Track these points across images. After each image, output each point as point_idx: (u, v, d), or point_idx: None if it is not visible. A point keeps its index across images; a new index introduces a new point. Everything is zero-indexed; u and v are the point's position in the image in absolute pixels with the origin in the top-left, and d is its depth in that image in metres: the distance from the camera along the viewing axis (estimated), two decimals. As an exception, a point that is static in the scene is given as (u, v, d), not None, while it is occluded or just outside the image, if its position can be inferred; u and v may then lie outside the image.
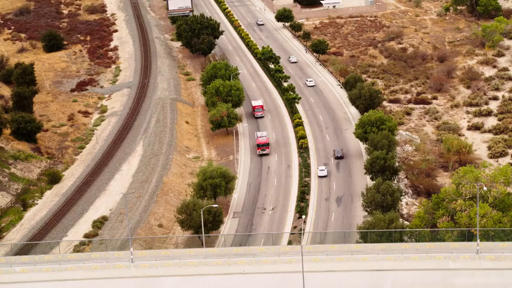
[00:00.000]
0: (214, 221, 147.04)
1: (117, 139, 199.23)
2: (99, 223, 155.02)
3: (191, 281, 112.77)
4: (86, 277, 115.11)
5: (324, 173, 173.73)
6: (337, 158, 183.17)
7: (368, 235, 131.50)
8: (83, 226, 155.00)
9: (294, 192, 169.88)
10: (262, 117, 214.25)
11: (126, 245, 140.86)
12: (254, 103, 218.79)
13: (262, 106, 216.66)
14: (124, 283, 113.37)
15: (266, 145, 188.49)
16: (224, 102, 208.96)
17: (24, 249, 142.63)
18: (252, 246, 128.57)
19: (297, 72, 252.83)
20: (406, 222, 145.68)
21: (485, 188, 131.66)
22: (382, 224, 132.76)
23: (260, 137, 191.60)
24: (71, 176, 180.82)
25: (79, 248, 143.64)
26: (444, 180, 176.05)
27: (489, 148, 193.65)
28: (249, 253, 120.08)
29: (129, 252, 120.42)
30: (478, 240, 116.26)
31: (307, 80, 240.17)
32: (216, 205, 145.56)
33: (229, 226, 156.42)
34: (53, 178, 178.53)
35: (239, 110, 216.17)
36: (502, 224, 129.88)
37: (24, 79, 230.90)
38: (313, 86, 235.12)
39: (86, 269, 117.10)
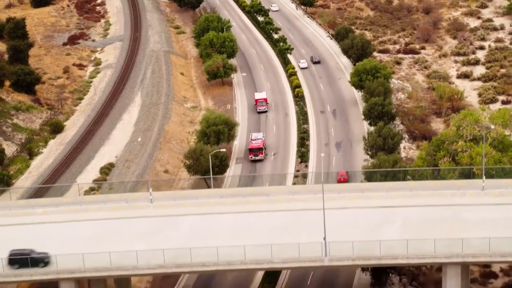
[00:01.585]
0: (221, 165, 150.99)
1: (115, 90, 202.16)
2: (107, 170, 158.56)
3: (208, 219, 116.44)
4: (107, 217, 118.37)
5: (305, 65, 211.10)
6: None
7: (373, 176, 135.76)
8: (91, 173, 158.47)
9: (293, 138, 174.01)
10: (266, 111, 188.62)
11: (136, 190, 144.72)
12: (257, 96, 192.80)
13: (266, 100, 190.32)
14: (144, 222, 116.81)
15: (259, 150, 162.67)
16: (218, 53, 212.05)
17: (36, 194, 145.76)
18: (266, 186, 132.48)
19: (286, 24, 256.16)
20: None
21: (492, 127, 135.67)
22: (387, 165, 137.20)
23: (254, 140, 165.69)
24: (73, 126, 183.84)
25: (89, 193, 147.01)
26: (438, 125, 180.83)
27: (480, 95, 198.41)
28: (263, 193, 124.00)
29: (146, 193, 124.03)
30: (484, 177, 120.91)
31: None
32: (223, 150, 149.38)
33: (233, 171, 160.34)
34: (56, 128, 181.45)
35: (233, 62, 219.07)
36: (502, 164, 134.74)
37: (16, 34, 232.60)
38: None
39: (107, 210, 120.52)
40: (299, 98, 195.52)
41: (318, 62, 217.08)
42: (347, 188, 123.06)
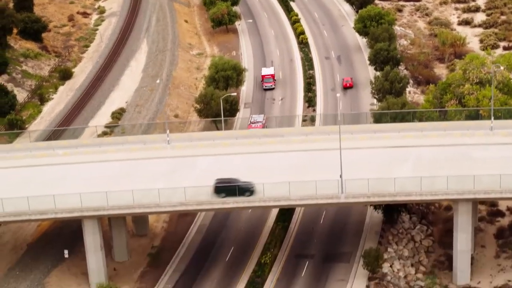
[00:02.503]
0: (231, 109, 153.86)
1: (121, 38, 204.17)
2: (118, 114, 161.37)
3: (225, 159, 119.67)
4: (126, 158, 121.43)
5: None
6: None
7: (382, 119, 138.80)
8: (102, 117, 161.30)
9: (300, 83, 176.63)
10: (272, 88, 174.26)
11: (149, 134, 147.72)
12: (264, 71, 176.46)
13: (273, 76, 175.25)
14: (162, 162, 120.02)
15: None
16: (222, 1, 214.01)
17: (52, 138, 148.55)
18: (279, 128, 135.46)
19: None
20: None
21: (501, 68, 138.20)
22: (396, 107, 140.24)
23: (254, 123, 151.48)
24: (82, 73, 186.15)
25: (102, 136, 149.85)
26: (441, 71, 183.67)
27: (481, 41, 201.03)
28: (278, 134, 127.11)
29: (163, 135, 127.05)
30: (493, 118, 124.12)
31: None
32: (234, 94, 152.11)
33: (242, 115, 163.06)
34: (65, 75, 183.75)
35: (236, 9, 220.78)
36: (508, 105, 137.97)
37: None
38: None
39: (125, 151, 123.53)
40: (303, 44, 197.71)
41: None
42: (359, 129, 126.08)
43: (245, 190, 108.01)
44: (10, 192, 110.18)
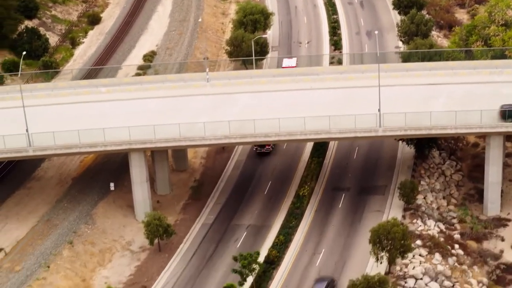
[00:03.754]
0: (261, 52, 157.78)
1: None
2: (150, 57, 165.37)
3: (264, 96, 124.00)
4: (168, 95, 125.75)
5: None
6: None
7: (410, 60, 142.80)
8: (134, 59, 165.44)
9: (325, 27, 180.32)
10: None
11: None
12: (285, 62, 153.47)
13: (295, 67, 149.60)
14: (203, 99, 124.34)
15: None
16: None
17: (88, 78, 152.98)
18: (314, 67, 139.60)
19: None
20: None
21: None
22: (423, 48, 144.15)
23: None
24: (110, 18, 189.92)
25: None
26: (462, 16, 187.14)
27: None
28: (313, 73, 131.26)
29: (201, 74, 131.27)
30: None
31: None
32: (265, 35, 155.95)
33: (270, 58, 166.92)
34: (93, 19, 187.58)
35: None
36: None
37: None
38: None
39: (167, 89, 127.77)
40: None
41: None
42: (392, 67, 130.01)
43: None
44: (60, 127, 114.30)
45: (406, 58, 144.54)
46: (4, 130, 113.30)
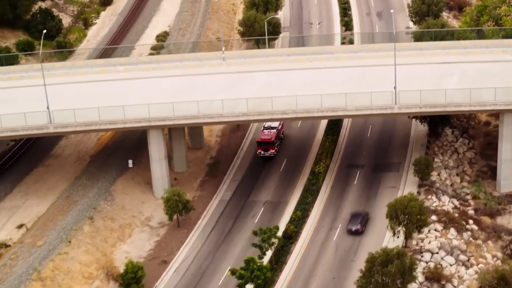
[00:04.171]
0: (274, 31, 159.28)
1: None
2: (162, 37, 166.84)
3: (280, 75, 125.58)
4: (185, 74, 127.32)
5: None
6: None
7: (422, 39, 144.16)
8: (148, 39, 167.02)
9: (335, 9, 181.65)
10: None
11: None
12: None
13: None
14: (219, 77, 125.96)
15: (270, 144, 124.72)
16: None
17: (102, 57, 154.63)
18: (329, 46, 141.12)
19: None
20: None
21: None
22: (435, 28, 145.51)
23: (267, 129, 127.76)
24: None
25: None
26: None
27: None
28: (327, 52, 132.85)
29: (217, 53, 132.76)
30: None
31: None
32: (278, 16, 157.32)
33: (281, 37, 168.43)
34: (105, 1, 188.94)
35: None
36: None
37: None
38: None
39: (183, 67, 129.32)
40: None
41: None
42: (405, 47, 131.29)
43: None
44: (79, 105, 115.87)
45: (419, 37, 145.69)
46: (24, 108, 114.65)
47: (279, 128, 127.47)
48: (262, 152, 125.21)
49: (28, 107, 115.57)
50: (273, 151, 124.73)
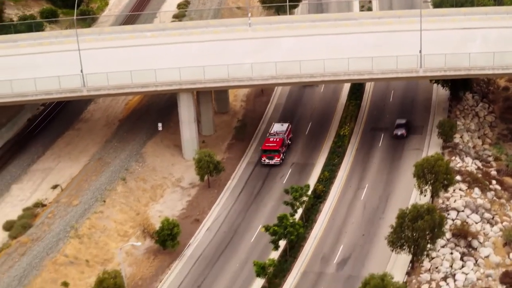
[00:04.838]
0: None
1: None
2: (184, 6, 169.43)
3: (306, 40, 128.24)
4: (212, 39, 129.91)
5: None
6: None
7: (442, 5, 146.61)
8: (169, 8, 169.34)
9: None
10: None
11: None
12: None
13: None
14: (245, 43, 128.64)
15: (275, 152, 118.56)
16: None
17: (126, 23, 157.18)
18: (351, 12, 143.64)
19: None
20: None
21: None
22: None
23: (273, 134, 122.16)
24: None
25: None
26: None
27: None
28: (351, 18, 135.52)
29: (242, 19, 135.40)
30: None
31: None
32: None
33: (300, 7, 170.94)
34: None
35: None
36: None
37: None
38: None
39: (210, 33, 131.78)
40: None
41: None
42: (428, 13, 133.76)
43: None
44: (111, 69, 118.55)
45: (438, 4, 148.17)
46: (56, 72, 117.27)
47: (286, 134, 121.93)
48: (267, 160, 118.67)
49: (60, 71, 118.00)
50: (278, 159, 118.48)
